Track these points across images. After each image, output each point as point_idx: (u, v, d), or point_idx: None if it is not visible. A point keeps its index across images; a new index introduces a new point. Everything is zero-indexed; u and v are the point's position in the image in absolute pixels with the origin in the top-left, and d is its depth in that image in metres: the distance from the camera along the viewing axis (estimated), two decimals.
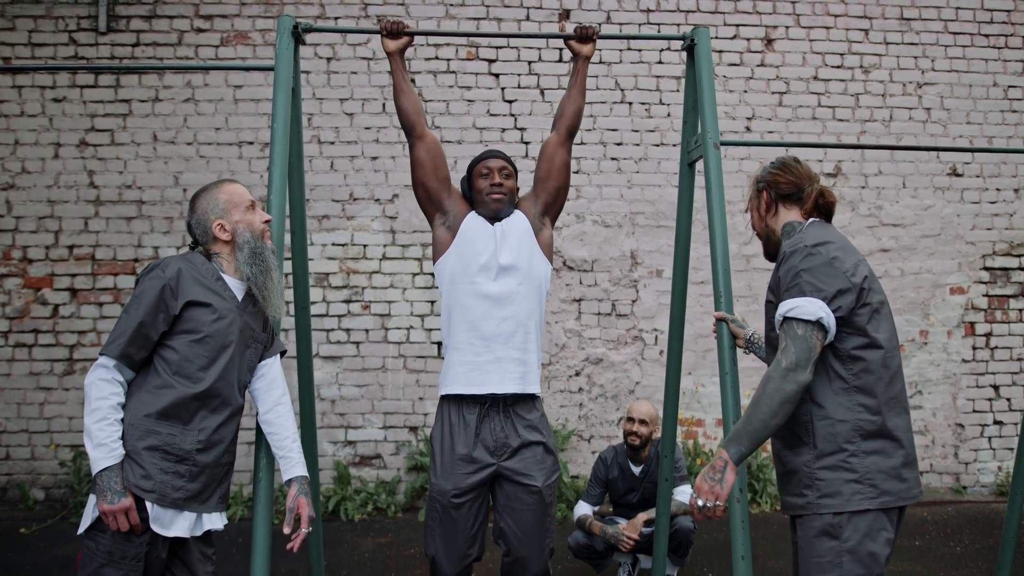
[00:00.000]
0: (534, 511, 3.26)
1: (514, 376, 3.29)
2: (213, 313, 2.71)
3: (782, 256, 2.55)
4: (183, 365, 2.66)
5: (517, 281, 3.33)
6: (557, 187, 3.49)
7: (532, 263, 3.39)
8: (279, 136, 3.12)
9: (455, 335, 3.34)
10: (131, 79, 6.32)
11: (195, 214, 2.86)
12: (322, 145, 6.49)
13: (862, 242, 6.85)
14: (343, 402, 6.41)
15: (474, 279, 3.31)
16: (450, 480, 3.24)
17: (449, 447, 3.28)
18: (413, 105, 3.40)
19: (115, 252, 6.32)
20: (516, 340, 3.31)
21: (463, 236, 3.38)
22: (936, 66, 7.04)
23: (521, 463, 3.26)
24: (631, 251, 6.67)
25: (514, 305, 3.32)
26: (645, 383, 6.63)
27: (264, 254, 2.84)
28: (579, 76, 3.49)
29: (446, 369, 3.38)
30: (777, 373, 2.38)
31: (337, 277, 6.45)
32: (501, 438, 3.26)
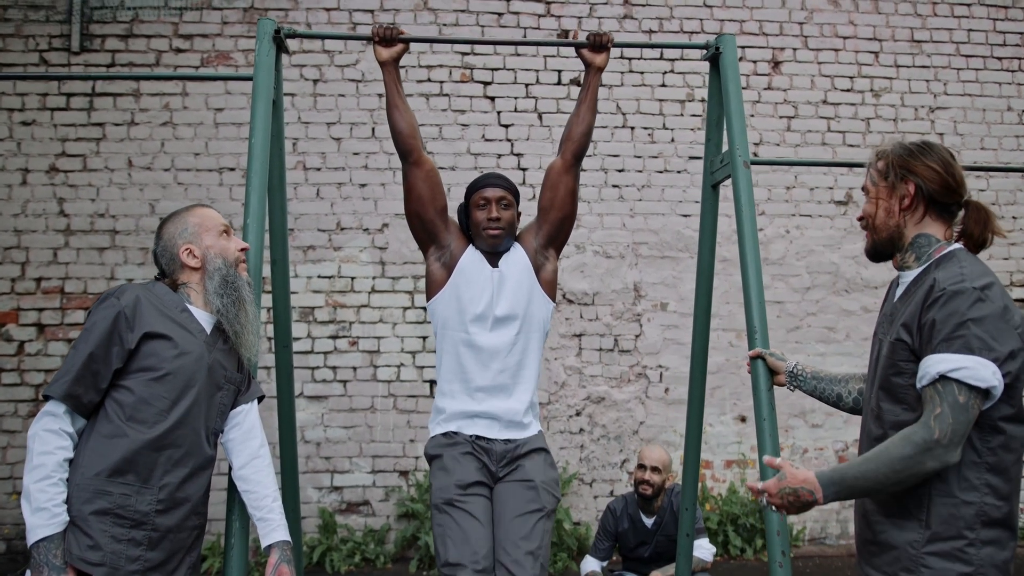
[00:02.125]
0: (524, 500, 2.94)
1: (510, 426, 3.06)
2: (175, 347, 2.34)
3: (939, 293, 2.03)
4: (139, 408, 2.28)
5: (514, 331, 3.07)
6: (561, 217, 3.16)
7: (531, 307, 3.11)
8: (257, 152, 2.77)
9: (447, 381, 3.10)
10: (105, 101, 5.96)
11: (161, 240, 2.50)
12: (308, 171, 6.13)
13: (875, 273, 6.52)
14: (329, 445, 6.00)
15: (468, 328, 3.05)
16: (454, 475, 2.95)
17: (449, 449, 3.02)
18: (409, 125, 3.05)
19: (86, 285, 5.92)
20: (511, 390, 3.07)
21: (459, 277, 3.09)
22: (949, 90, 6.77)
23: (520, 467, 3.03)
24: (634, 283, 6.32)
25: (510, 356, 3.07)
26: (650, 423, 6.25)
27: (237, 284, 2.47)
28: (590, 90, 3.14)
29: (438, 413, 3.11)
30: (921, 441, 1.96)
31: (323, 311, 6.06)
32: (501, 448, 3.03)
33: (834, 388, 2.60)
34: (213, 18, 6.09)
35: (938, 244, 2.18)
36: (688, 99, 6.47)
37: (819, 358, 6.41)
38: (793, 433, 6.35)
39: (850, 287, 6.50)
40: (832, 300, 6.48)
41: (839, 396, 2.59)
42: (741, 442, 6.30)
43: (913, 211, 2.20)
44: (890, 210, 2.23)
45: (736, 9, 6.60)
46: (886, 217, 2.24)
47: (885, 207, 2.24)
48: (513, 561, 2.81)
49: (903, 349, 2.10)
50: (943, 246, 2.17)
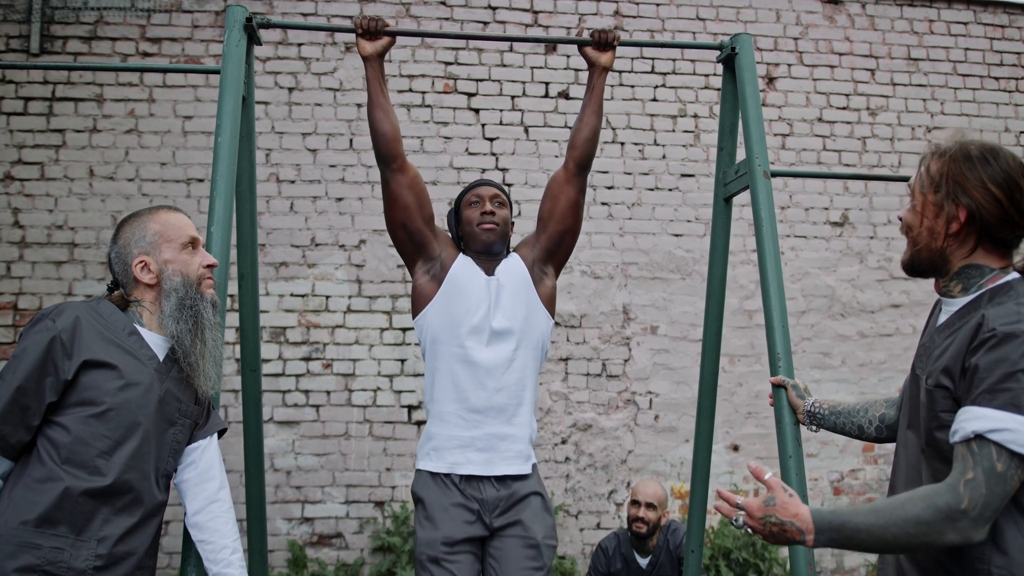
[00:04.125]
0: (526, 562, 2.71)
1: (508, 455, 2.78)
2: (120, 378, 2.01)
3: (987, 334, 1.67)
4: (76, 450, 1.95)
5: (513, 346, 2.78)
6: (562, 231, 2.89)
7: (530, 321, 2.82)
8: (224, 153, 2.45)
9: (439, 403, 2.80)
10: (66, 106, 5.61)
11: (116, 244, 2.17)
12: (281, 184, 5.81)
13: (872, 297, 6.29)
14: (300, 473, 5.64)
15: (463, 343, 2.76)
16: (442, 529, 2.69)
17: (438, 497, 2.75)
18: (393, 127, 2.78)
19: (41, 301, 5.54)
20: (510, 413, 2.78)
21: (451, 287, 2.79)
22: (946, 109, 6.58)
23: (516, 515, 2.76)
24: (623, 305, 6.04)
25: (509, 374, 2.78)
26: (639, 452, 5.94)
27: (198, 308, 2.14)
28: (594, 92, 2.87)
29: (428, 440, 2.82)
30: (945, 507, 1.62)
31: (295, 332, 5.72)
32: (492, 494, 2.76)
33: (854, 420, 2.32)
34: (183, 21, 5.77)
35: (992, 273, 1.81)
36: (680, 114, 6.23)
37: (813, 384, 6.15)
38: None
39: (846, 311, 6.26)
40: (827, 324, 6.23)
41: (860, 428, 2.30)
42: (733, 472, 6.01)
43: (962, 241, 1.82)
44: (934, 231, 1.83)
45: (730, 23, 6.37)
46: (929, 239, 1.85)
47: (929, 227, 1.84)
48: None
49: (945, 398, 1.74)
50: (997, 275, 1.80)
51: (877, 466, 6.18)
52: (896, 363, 6.26)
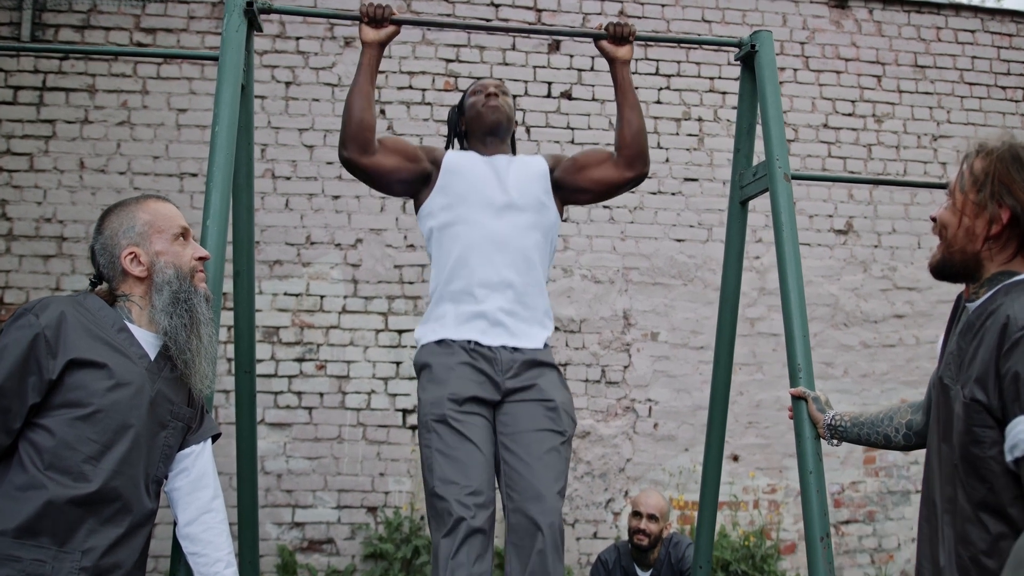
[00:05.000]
0: (550, 428, 2.45)
1: (518, 330, 2.59)
2: (109, 378, 1.88)
3: (1018, 333, 1.55)
4: (61, 455, 1.82)
5: (522, 222, 2.63)
6: (580, 187, 2.79)
7: (542, 207, 2.70)
8: (222, 143, 2.33)
9: (444, 282, 2.64)
10: (57, 96, 5.47)
11: (102, 235, 2.03)
12: (276, 180, 5.68)
13: (875, 306, 6.19)
14: (291, 477, 5.51)
15: (468, 216, 2.62)
16: (447, 386, 2.46)
17: (444, 358, 2.53)
18: (374, 118, 2.65)
19: (28, 295, 5.40)
20: (520, 290, 2.60)
21: (450, 169, 2.69)
22: (952, 118, 6.50)
23: (531, 380, 2.53)
24: (624, 311, 5.92)
25: (518, 250, 2.61)
26: (637, 460, 5.83)
27: (192, 302, 2.01)
28: (623, 88, 2.75)
29: (432, 320, 2.65)
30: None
31: (289, 332, 5.59)
32: (506, 356, 2.54)
33: (879, 430, 2.21)
34: (179, 12, 5.63)
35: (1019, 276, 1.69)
36: (684, 117, 6.12)
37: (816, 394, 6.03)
38: (786, 474, 5.97)
39: (849, 320, 6.15)
40: (830, 334, 6.13)
41: (887, 437, 2.19)
42: (733, 483, 5.90)
43: (1002, 245, 1.72)
44: (972, 232, 1.74)
45: (735, 25, 6.27)
46: (965, 240, 1.75)
47: (967, 227, 1.74)
48: (546, 510, 2.34)
49: (979, 412, 1.62)
50: None
51: (878, 478, 6.08)
52: (899, 374, 6.16)
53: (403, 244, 5.72)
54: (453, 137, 2.90)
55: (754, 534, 5.79)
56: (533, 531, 2.32)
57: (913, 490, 6.10)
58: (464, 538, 2.26)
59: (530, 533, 2.33)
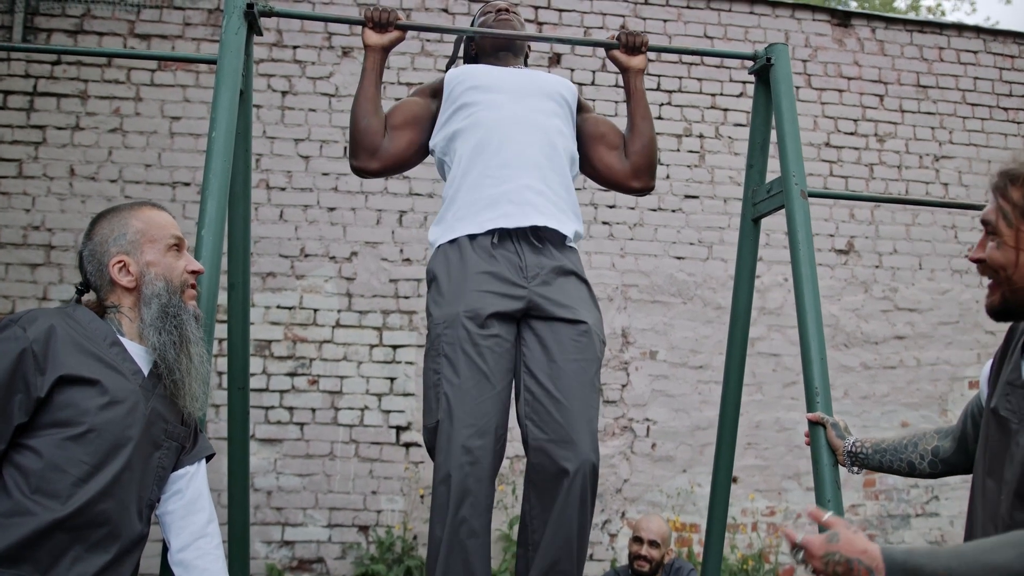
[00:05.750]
0: (584, 358, 2.23)
1: (546, 209, 2.34)
2: (102, 395, 1.76)
3: None
4: (49, 478, 1.70)
5: (544, 108, 2.46)
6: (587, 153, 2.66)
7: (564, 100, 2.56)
8: (219, 149, 2.22)
9: (462, 172, 2.40)
10: (48, 102, 5.37)
11: (91, 241, 1.91)
12: (271, 191, 5.58)
13: (876, 327, 6.11)
14: (281, 494, 5.38)
15: (485, 103, 2.44)
16: (465, 301, 2.22)
17: (460, 266, 2.29)
18: (380, 122, 2.52)
19: (14, 305, 5.27)
20: (545, 170, 2.38)
21: (454, 79, 2.54)
22: (954, 138, 6.45)
23: (562, 293, 2.29)
24: (622, 329, 5.83)
25: (542, 129, 2.42)
26: (635, 481, 5.72)
27: (181, 318, 1.89)
28: (635, 97, 2.65)
29: (447, 215, 2.42)
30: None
31: (281, 345, 5.47)
32: (532, 258, 2.30)
33: (902, 457, 2.11)
34: (174, 18, 5.54)
35: None
36: (685, 134, 6.05)
37: None
38: (786, 496, 5.87)
39: (850, 341, 6.07)
40: (831, 355, 6.04)
41: (911, 464, 2.09)
42: (731, 505, 5.78)
43: None
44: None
45: (738, 42, 6.22)
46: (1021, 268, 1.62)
47: None
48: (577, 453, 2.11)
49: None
50: None
51: (878, 502, 5.98)
52: (900, 396, 6.08)
53: (399, 258, 5.62)
54: (458, 60, 2.78)
55: (752, 557, 5.69)
56: (559, 476, 2.12)
57: (913, 513, 6.01)
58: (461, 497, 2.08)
59: (556, 478, 2.12)
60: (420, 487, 5.42)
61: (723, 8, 6.25)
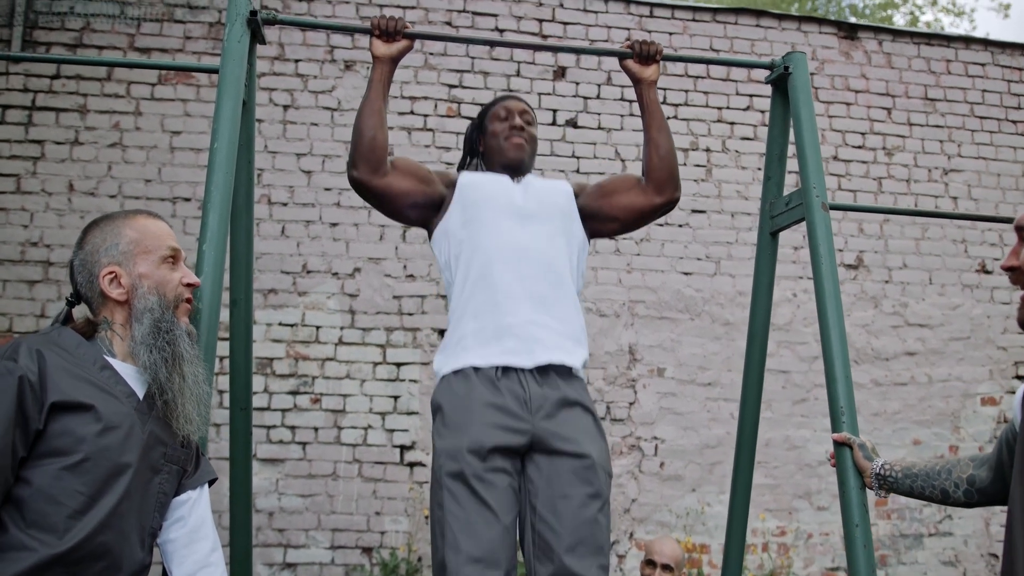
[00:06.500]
0: (587, 492, 2.18)
1: (550, 344, 2.31)
2: (96, 421, 1.67)
3: None
4: (44, 511, 1.60)
5: (548, 232, 2.41)
6: (609, 216, 2.57)
7: (569, 221, 2.48)
8: (221, 160, 2.14)
9: (467, 299, 2.37)
10: (46, 116, 5.29)
11: (82, 251, 1.82)
12: (272, 206, 5.49)
13: (886, 343, 6.02)
14: (283, 515, 5.27)
15: (490, 226, 2.38)
16: (467, 433, 2.18)
17: (465, 398, 2.24)
18: (385, 135, 2.45)
19: (11, 322, 5.18)
20: (550, 303, 2.35)
21: (463, 189, 2.47)
22: (963, 152, 6.37)
23: (567, 426, 2.24)
24: (629, 345, 5.73)
25: (546, 259, 2.37)
26: (643, 501, 5.61)
27: (174, 334, 1.80)
28: (650, 109, 2.61)
29: (452, 343, 2.37)
30: None
31: (283, 363, 5.38)
32: (536, 391, 2.26)
33: (935, 484, 2.03)
34: (175, 32, 5.47)
35: None
36: (692, 148, 5.98)
37: (825, 433, 5.85)
38: (797, 516, 5.76)
39: (860, 358, 5.98)
40: None
41: (944, 492, 2.01)
42: None
43: None
44: None
45: (744, 55, 6.16)
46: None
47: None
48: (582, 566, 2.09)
49: None
50: None
51: (890, 521, 5.87)
52: (911, 413, 5.98)
53: (402, 274, 5.53)
54: (469, 157, 2.71)
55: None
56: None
57: (927, 533, 5.90)
58: None
59: None
60: (424, 507, 5.32)
61: (729, 21, 6.19)
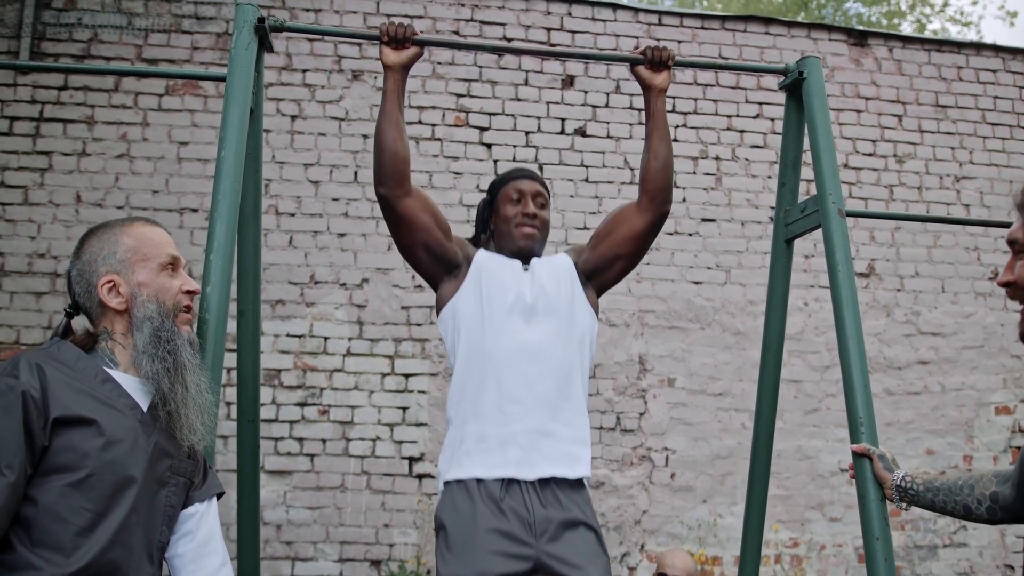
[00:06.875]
0: None
1: (554, 455, 2.32)
2: (100, 435, 1.63)
3: None
4: (51, 529, 1.57)
5: (555, 329, 2.39)
6: (614, 256, 2.54)
7: (573, 310, 2.45)
8: (229, 169, 2.11)
9: (469, 400, 2.38)
10: (54, 128, 5.28)
11: (80, 260, 1.80)
12: (280, 217, 5.47)
13: (899, 352, 5.96)
14: (291, 527, 5.23)
15: (498, 325, 2.37)
16: (474, 563, 2.20)
17: (469, 519, 2.27)
18: (405, 148, 2.44)
19: (19, 334, 5.16)
20: (556, 407, 2.35)
21: (477, 272, 2.45)
22: (975, 158, 6.32)
23: (569, 549, 2.26)
24: (639, 355, 5.69)
25: (553, 360, 2.36)
26: (654, 512, 5.56)
27: (175, 343, 1.76)
28: (656, 118, 2.58)
29: (455, 446, 2.38)
30: None
31: (290, 375, 5.35)
32: (540, 512, 2.28)
33: (957, 499, 1.98)
34: (182, 42, 5.47)
35: None
36: (701, 156, 5.95)
37: (838, 444, 5.80)
38: (809, 527, 5.70)
39: (872, 367, 5.92)
40: None
41: (967, 508, 1.97)
42: None
43: None
44: None
45: (754, 63, 6.12)
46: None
47: None
48: None
49: None
50: None
51: (904, 532, 5.81)
52: (924, 423, 5.92)
53: (411, 284, 5.50)
54: (481, 234, 2.65)
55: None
56: None
57: (941, 544, 5.83)
58: None
59: None
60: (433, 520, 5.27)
61: (738, 29, 6.17)
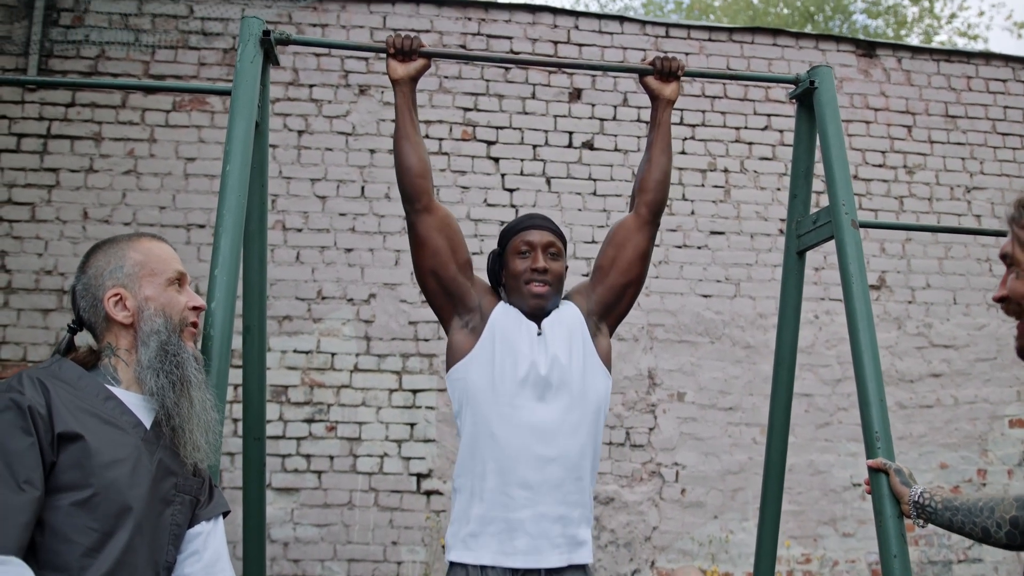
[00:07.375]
0: None
1: (561, 542, 2.31)
2: (103, 454, 1.60)
3: None
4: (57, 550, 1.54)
5: (566, 405, 2.33)
6: (624, 283, 2.49)
7: (588, 379, 2.38)
8: (234, 183, 2.09)
9: (478, 478, 2.34)
10: (61, 144, 5.28)
11: (85, 275, 1.79)
12: (287, 232, 5.45)
13: (911, 365, 5.91)
14: (298, 545, 5.19)
15: (511, 400, 2.31)
16: None
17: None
18: (422, 160, 2.40)
19: (26, 351, 5.15)
20: (566, 490, 2.32)
21: (493, 337, 2.37)
22: (985, 169, 6.28)
23: None
24: (649, 370, 5.64)
25: (565, 440, 2.31)
26: (664, 528, 5.50)
27: (181, 357, 1.74)
28: (661, 129, 2.52)
29: (461, 522, 2.35)
30: None
31: (298, 391, 5.31)
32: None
33: (976, 520, 1.93)
34: (189, 58, 5.47)
35: None
36: (710, 168, 5.91)
37: (850, 458, 5.74)
38: (822, 543, 5.64)
39: (884, 380, 5.84)
40: None
41: (986, 531, 1.91)
42: None
43: None
44: None
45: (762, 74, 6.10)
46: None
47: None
48: None
49: None
50: None
51: (918, 547, 5.74)
52: (937, 436, 5.85)
53: (418, 300, 5.47)
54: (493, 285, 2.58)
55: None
56: None
57: (955, 560, 5.76)
58: None
59: None
60: (442, 537, 5.22)
61: (745, 40, 6.15)
